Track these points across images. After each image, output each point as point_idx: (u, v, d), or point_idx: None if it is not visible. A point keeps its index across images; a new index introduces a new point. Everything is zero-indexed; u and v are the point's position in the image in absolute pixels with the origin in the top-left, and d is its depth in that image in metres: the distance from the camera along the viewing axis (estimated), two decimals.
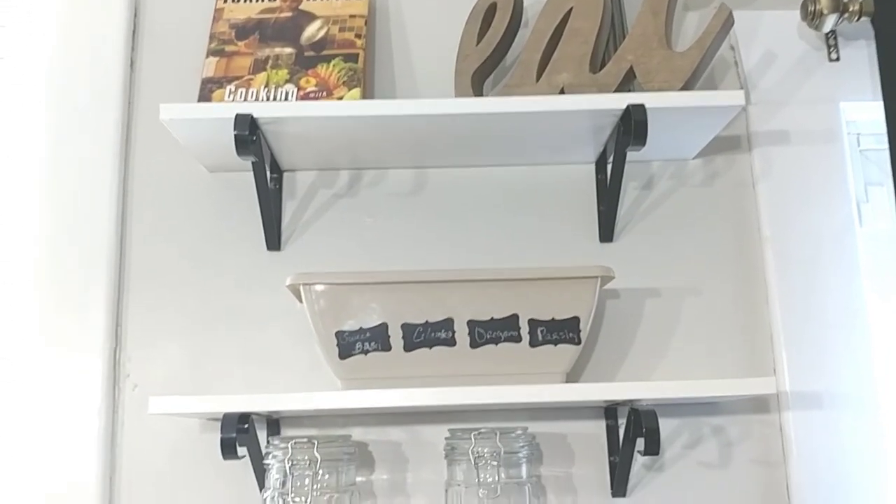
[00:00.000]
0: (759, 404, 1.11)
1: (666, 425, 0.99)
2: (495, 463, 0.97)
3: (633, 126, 0.98)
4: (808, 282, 1.12)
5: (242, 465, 1.04)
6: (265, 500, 0.97)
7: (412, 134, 1.06)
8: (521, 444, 0.99)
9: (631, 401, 0.96)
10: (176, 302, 1.14)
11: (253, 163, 1.03)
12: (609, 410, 1.10)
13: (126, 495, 1.08)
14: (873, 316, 1.14)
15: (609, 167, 1.11)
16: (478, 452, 0.97)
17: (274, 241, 1.14)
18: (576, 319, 0.99)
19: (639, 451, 0.96)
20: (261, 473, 1.00)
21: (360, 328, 0.99)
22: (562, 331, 0.99)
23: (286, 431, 1.09)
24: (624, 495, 1.08)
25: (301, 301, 1.00)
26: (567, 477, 1.09)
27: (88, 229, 1.14)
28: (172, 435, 1.09)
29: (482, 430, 0.97)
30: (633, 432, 0.97)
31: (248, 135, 0.98)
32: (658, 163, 1.18)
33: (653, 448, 0.92)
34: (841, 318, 1.12)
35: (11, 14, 1.22)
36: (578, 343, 0.99)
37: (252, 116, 0.99)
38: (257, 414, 1.00)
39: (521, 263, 1.13)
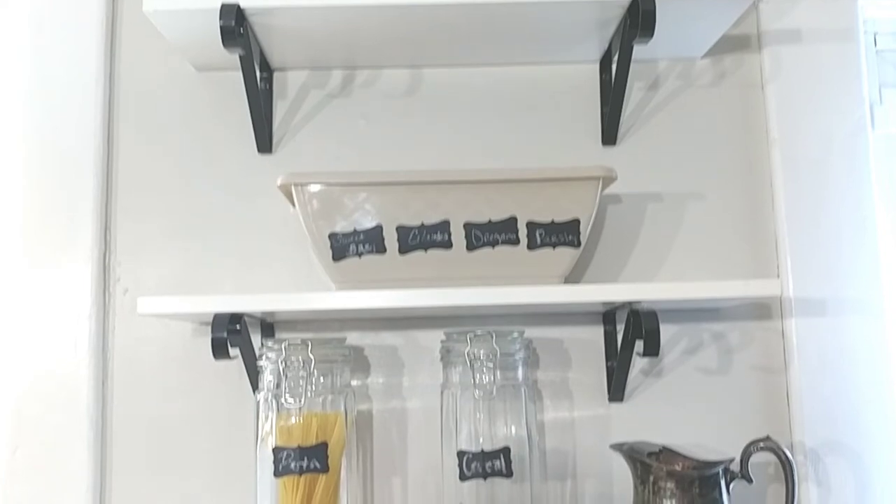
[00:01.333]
0: (761, 310, 1.09)
1: (665, 331, 0.97)
2: (491, 365, 0.95)
3: (640, 16, 0.94)
4: (816, 186, 1.09)
5: (236, 369, 1.03)
6: (259, 401, 0.96)
7: (408, 27, 1.01)
8: (518, 347, 0.97)
9: (630, 303, 0.94)
10: (166, 206, 1.11)
11: (241, 58, 0.99)
12: (607, 316, 1.08)
13: (118, 400, 1.07)
14: (882, 221, 1.11)
15: (614, 66, 1.06)
16: (473, 354, 0.95)
17: (265, 143, 1.11)
18: (576, 222, 0.96)
19: (637, 354, 0.94)
20: (254, 376, 0.99)
21: (354, 230, 0.96)
22: (561, 233, 0.96)
23: (280, 336, 1.07)
24: (621, 400, 1.07)
25: (293, 204, 0.97)
26: (563, 382, 1.08)
27: (74, 133, 1.10)
28: (164, 340, 1.08)
29: (478, 332, 0.96)
30: (632, 334, 0.95)
31: (235, 26, 0.93)
32: (664, 62, 1.14)
33: (652, 349, 0.90)
34: (849, 224, 1.09)
35: None
36: (578, 246, 0.96)
37: (239, 6, 0.94)
38: (250, 316, 0.98)
39: (519, 165, 1.09)
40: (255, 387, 0.99)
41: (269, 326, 1.07)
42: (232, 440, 1.05)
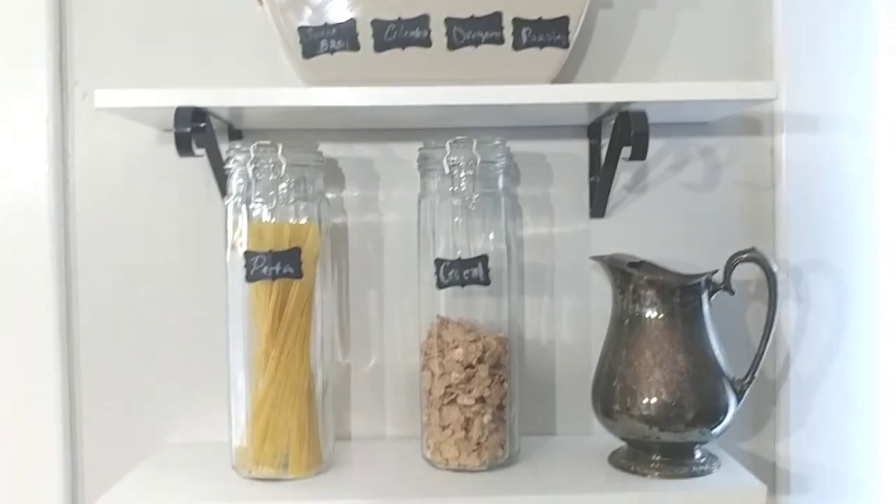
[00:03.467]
0: (751, 125, 1.05)
1: (652, 145, 0.92)
2: (471, 172, 0.91)
3: None
4: None
5: (203, 176, 0.98)
6: (227, 207, 0.91)
7: None
8: (499, 155, 0.93)
9: (619, 105, 0.89)
10: (124, 2, 1.02)
11: None
12: (592, 129, 1.03)
13: (80, 209, 1.03)
14: (882, 38, 1.06)
15: None
16: (452, 161, 0.91)
17: None
18: (564, 20, 0.90)
19: (624, 159, 0.90)
20: (222, 181, 0.94)
21: (326, 24, 0.89)
22: (549, 32, 0.90)
23: None
24: (602, 216, 1.04)
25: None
26: (544, 197, 1.04)
27: None
28: (128, 147, 1.03)
29: (458, 139, 0.91)
30: (619, 141, 0.91)
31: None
32: None
33: (640, 152, 0.87)
34: (847, 39, 1.03)
35: None
36: (566, 46, 0.90)
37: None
38: (216, 116, 0.92)
39: None
40: (223, 192, 0.95)
41: (236, 133, 1.02)
42: (201, 249, 1.02)
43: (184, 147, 0.85)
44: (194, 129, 0.86)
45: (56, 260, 1.01)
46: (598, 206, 1.03)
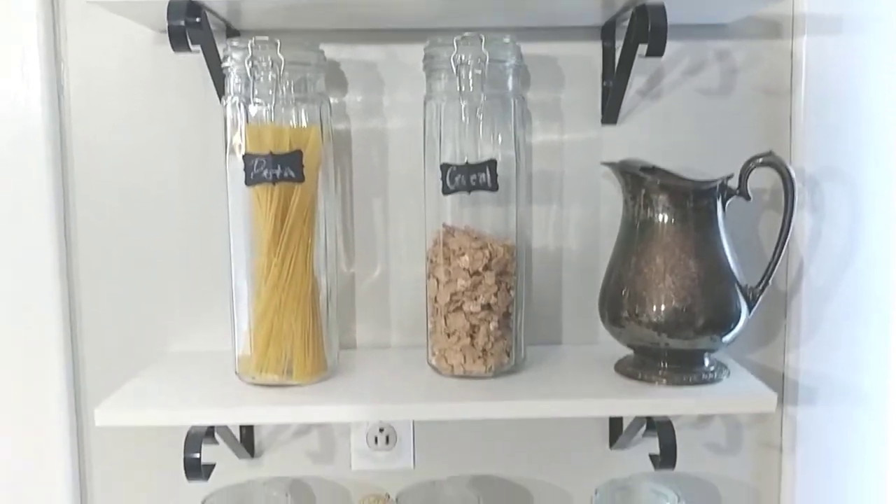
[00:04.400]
0: (771, 28, 1.00)
1: (666, 50, 0.89)
2: (479, 72, 0.87)
3: None
4: None
5: (202, 79, 0.95)
6: (225, 108, 0.88)
7: None
8: (509, 53, 0.89)
9: (635, 1, 0.85)
10: None
11: None
12: (606, 30, 0.99)
13: (75, 115, 1.00)
14: None
15: None
16: (460, 59, 0.87)
17: None
18: None
19: (640, 56, 0.86)
20: (220, 80, 0.91)
21: None
22: None
23: None
24: (615, 122, 1.01)
25: None
26: (555, 102, 1.01)
27: None
28: (122, 49, 0.99)
29: (466, 35, 0.87)
30: (636, 36, 0.86)
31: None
32: None
33: (657, 48, 0.83)
34: None
35: None
36: None
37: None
38: (212, 12, 0.88)
39: None
40: (220, 93, 0.91)
41: (234, 33, 0.98)
42: (200, 155, 0.99)
43: (178, 42, 0.82)
44: (189, 24, 0.82)
45: (52, 166, 0.99)
46: (611, 111, 0.99)
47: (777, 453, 1.05)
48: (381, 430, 1.04)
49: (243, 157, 0.86)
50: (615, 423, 1.02)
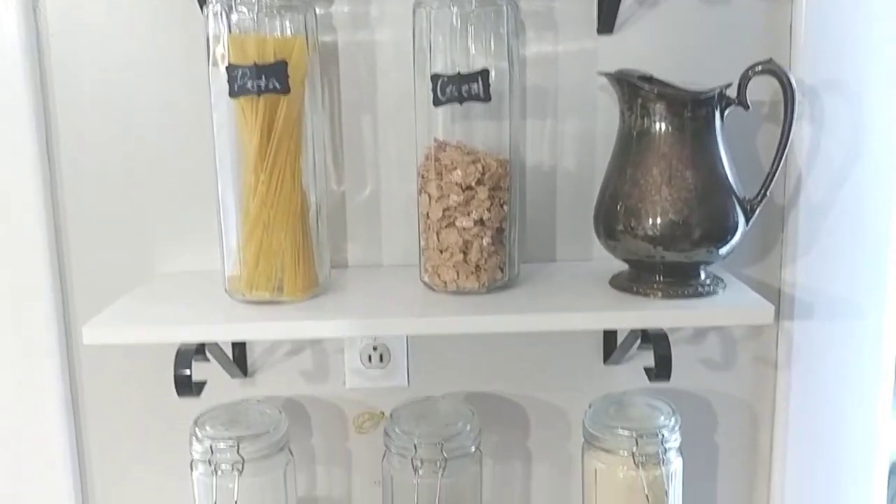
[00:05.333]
0: None
1: None
2: None
3: None
4: None
5: None
6: (207, 17, 0.85)
7: None
8: None
9: None
10: None
11: None
12: None
13: (53, 30, 0.96)
14: None
15: None
16: None
17: None
18: None
19: None
20: None
21: None
22: None
23: None
24: (611, 32, 0.97)
25: None
26: (548, 11, 0.97)
27: None
28: None
29: None
30: None
31: None
32: None
33: None
34: None
35: None
36: None
37: None
38: None
39: None
40: (202, 2, 0.88)
41: None
42: (184, 71, 0.96)
43: None
44: None
45: (32, 86, 0.96)
46: (607, 20, 0.96)
47: (772, 369, 1.05)
48: (375, 349, 1.03)
49: (226, 68, 0.83)
50: (609, 339, 1.02)
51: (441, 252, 0.89)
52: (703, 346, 1.05)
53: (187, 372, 0.83)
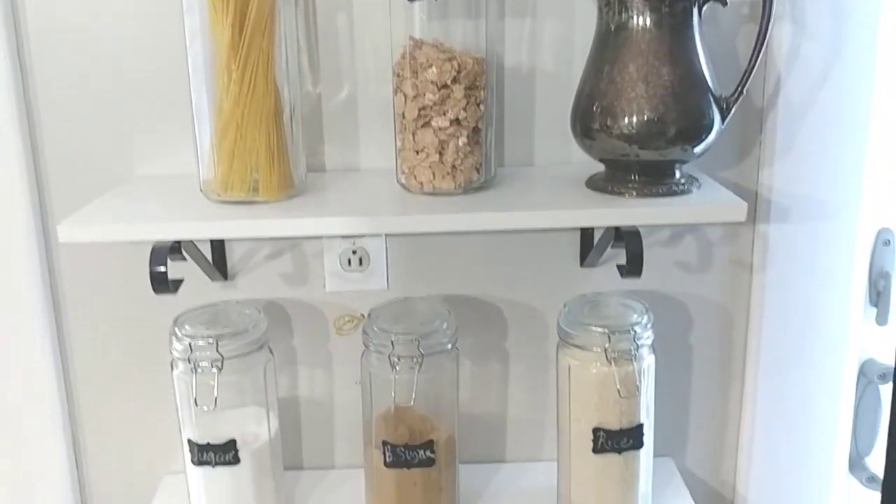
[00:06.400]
0: None
1: None
2: None
3: None
4: None
5: None
6: None
7: None
8: None
9: None
10: None
11: None
12: None
13: None
14: None
15: None
16: None
17: None
18: None
19: None
20: None
21: None
22: None
23: None
24: None
25: None
26: None
27: None
28: None
29: None
30: None
31: None
32: None
33: None
34: None
35: None
36: None
37: None
38: None
39: None
40: None
41: None
42: None
43: None
44: None
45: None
46: None
47: (747, 272, 1.07)
48: (354, 252, 1.04)
49: None
50: (585, 241, 1.03)
51: (417, 153, 0.89)
52: (679, 249, 1.05)
53: (162, 269, 0.83)
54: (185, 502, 0.98)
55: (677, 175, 0.89)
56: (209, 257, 0.99)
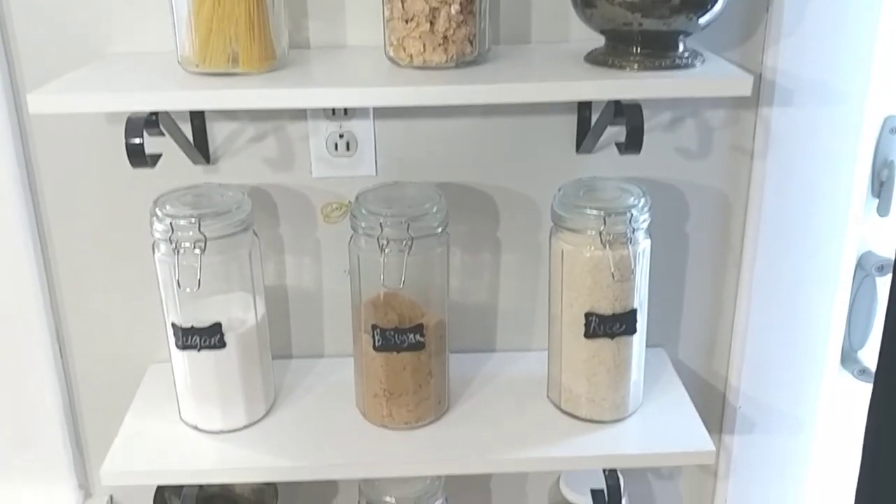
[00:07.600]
0: None
1: None
2: None
3: None
4: None
5: None
6: None
7: None
8: None
9: None
10: None
11: None
12: None
13: None
14: None
15: None
16: None
17: None
18: None
19: None
20: None
21: None
22: None
23: None
24: None
25: None
26: None
27: None
28: None
29: None
30: None
31: None
32: None
33: None
34: None
35: None
36: None
37: None
38: None
39: None
40: None
41: None
42: None
43: None
44: None
45: None
46: None
47: (748, 158, 1.03)
48: (342, 136, 1.00)
49: None
50: (582, 124, 0.99)
51: (406, 22, 0.84)
52: (679, 134, 1.02)
53: (138, 140, 0.79)
54: (170, 390, 0.96)
55: (681, 48, 0.84)
56: (189, 137, 0.95)
